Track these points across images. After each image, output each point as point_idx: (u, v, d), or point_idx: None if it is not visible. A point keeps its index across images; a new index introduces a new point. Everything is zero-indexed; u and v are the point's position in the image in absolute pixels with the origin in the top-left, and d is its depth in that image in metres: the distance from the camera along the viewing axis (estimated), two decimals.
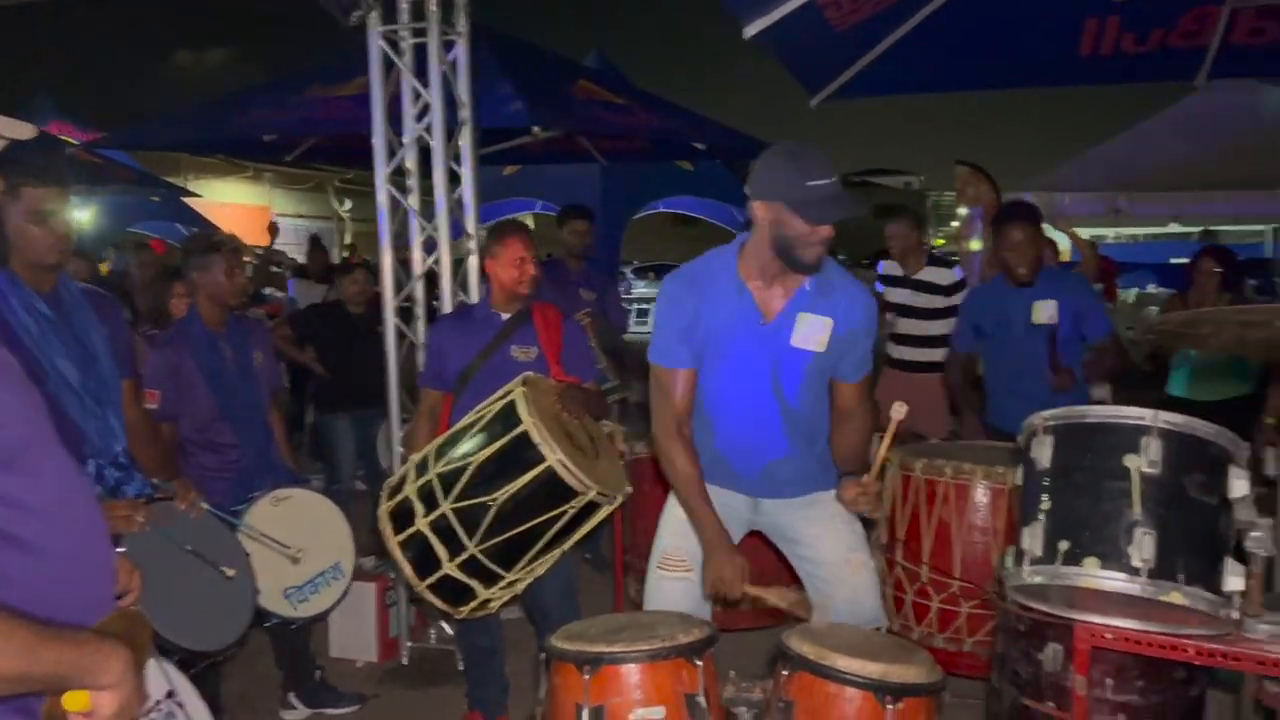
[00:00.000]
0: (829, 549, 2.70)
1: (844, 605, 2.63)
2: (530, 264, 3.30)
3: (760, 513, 2.80)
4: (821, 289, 2.60)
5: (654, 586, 2.76)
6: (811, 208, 2.41)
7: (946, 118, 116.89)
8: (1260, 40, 4.32)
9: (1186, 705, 2.19)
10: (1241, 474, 1.92)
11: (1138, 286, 16.04)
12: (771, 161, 2.49)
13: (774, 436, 2.69)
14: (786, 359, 2.60)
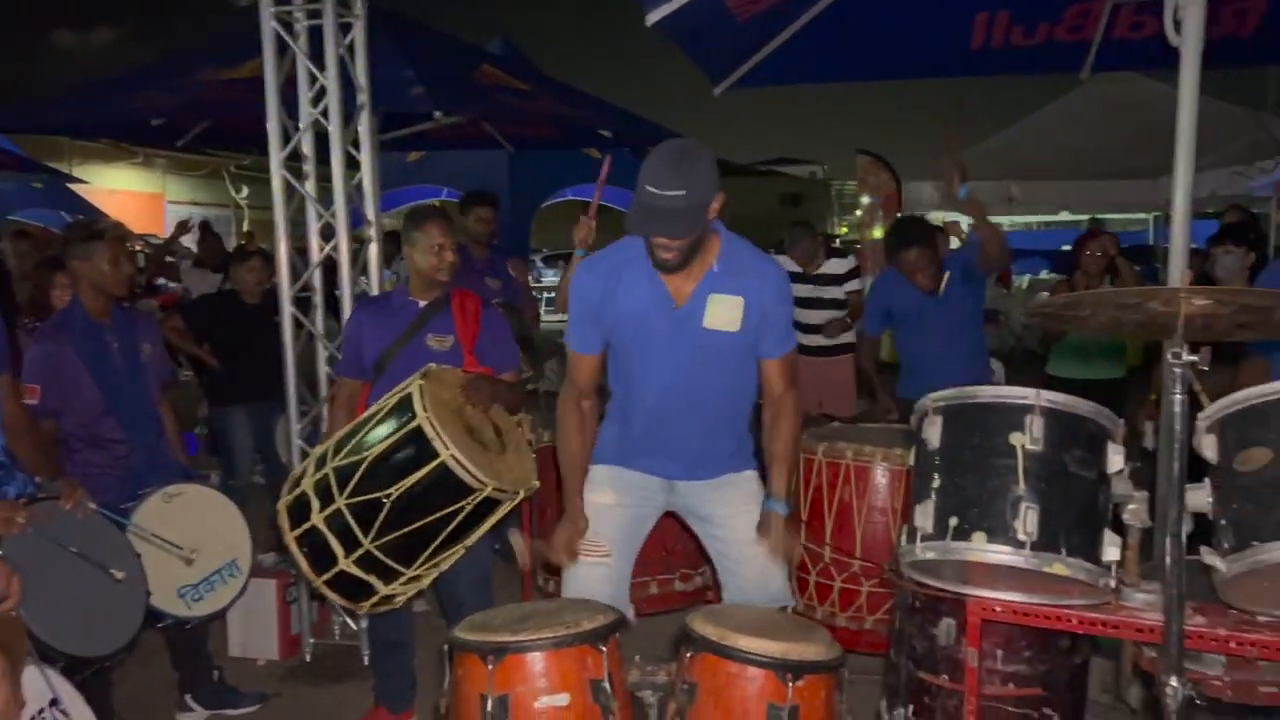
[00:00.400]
0: (740, 529, 2.74)
1: (753, 584, 2.70)
2: (449, 251, 3.24)
3: (676, 494, 2.84)
4: (730, 269, 2.62)
5: (572, 573, 2.78)
6: (633, 212, 2.43)
7: (850, 108, 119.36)
8: (1140, 34, 4.51)
9: (1071, 672, 2.28)
10: (1118, 450, 2.01)
11: (1030, 273, 16.62)
12: (647, 156, 2.50)
13: (690, 419, 2.72)
14: (701, 341, 2.63)
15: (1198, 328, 1.76)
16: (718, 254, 2.62)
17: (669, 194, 2.38)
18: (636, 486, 2.80)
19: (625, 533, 2.79)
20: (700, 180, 2.42)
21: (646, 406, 2.73)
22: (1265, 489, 1.82)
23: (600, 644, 2.22)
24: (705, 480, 2.79)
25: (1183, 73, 3.33)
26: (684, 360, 2.65)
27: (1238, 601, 1.94)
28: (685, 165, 2.41)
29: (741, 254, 2.66)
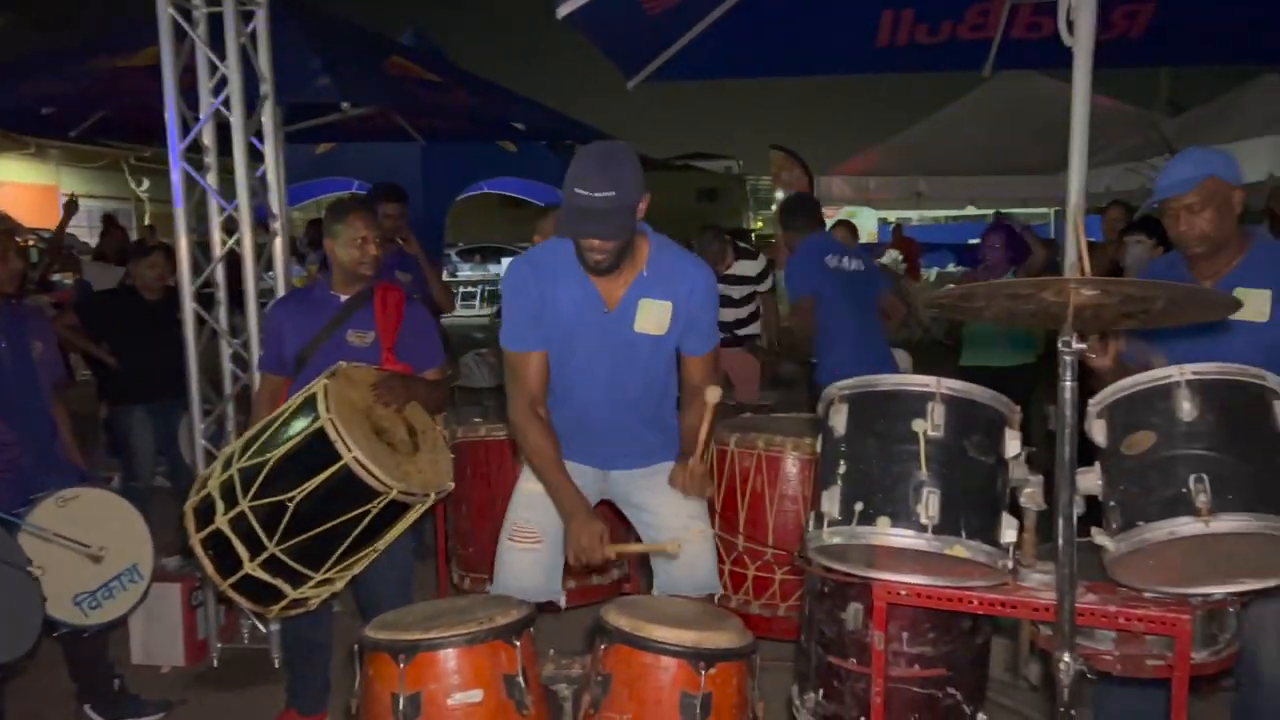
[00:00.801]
0: (670, 516, 2.78)
1: (682, 571, 2.75)
2: (371, 244, 3.17)
3: (610, 482, 2.88)
4: (659, 273, 2.65)
5: (504, 558, 2.78)
6: (563, 215, 2.44)
7: (765, 103, 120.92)
8: (1037, 34, 4.66)
9: (974, 652, 2.35)
10: (1015, 435, 2.08)
11: (938, 266, 17.07)
12: (573, 159, 2.50)
13: (621, 414, 2.76)
14: (631, 344, 2.67)
15: (1087, 317, 1.83)
16: (647, 257, 2.65)
17: (599, 195, 2.39)
18: (572, 474, 2.76)
19: (557, 520, 2.78)
20: (629, 180, 2.43)
21: (576, 404, 2.75)
22: (1149, 471, 1.90)
23: (513, 639, 2.21)
24: (638, 469, 2.83)
25: (1076, 72, 3.46)
26: (613, 361, 2.68)
27: (1126, 579, 2.02)
28: (613, 166, 2.43)
29: (671, 257, 2.69)
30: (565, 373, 2.73)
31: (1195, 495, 1.82)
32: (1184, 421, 1.90)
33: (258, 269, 3.96)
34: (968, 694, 2.32)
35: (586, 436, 2.77)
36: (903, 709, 2.27)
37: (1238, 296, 2.21)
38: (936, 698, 2.29)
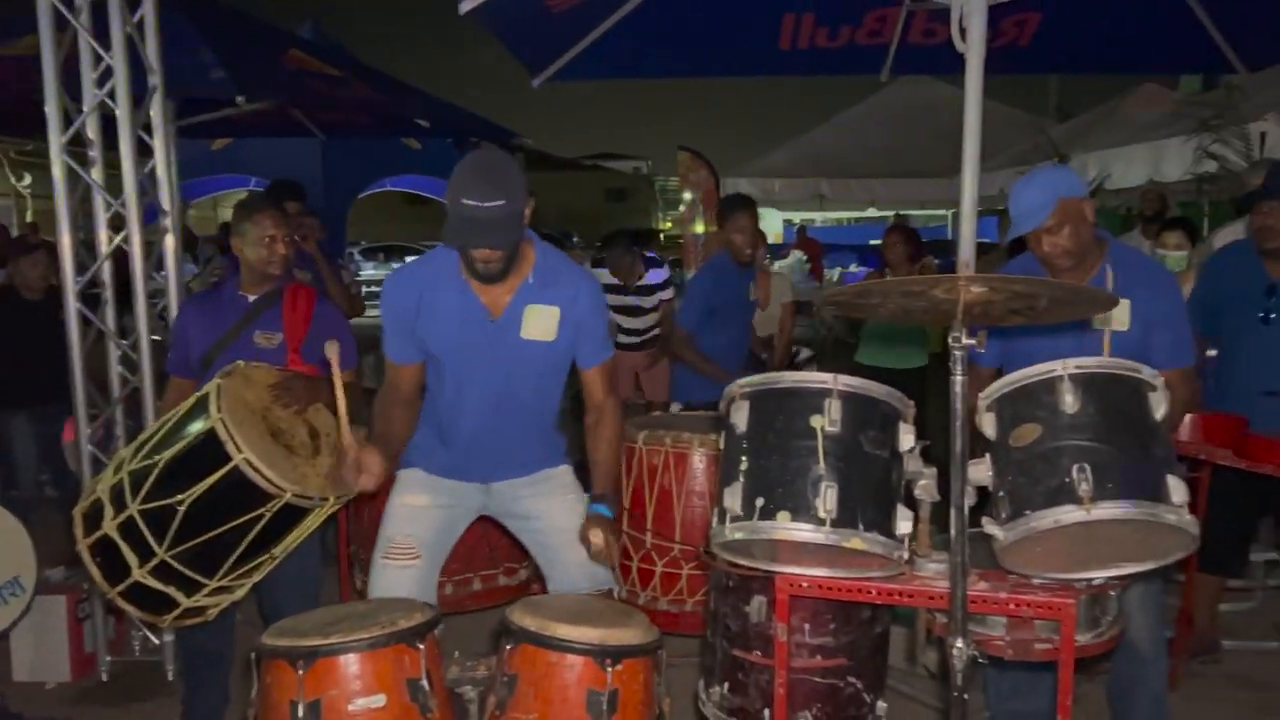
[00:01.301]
0: (559, 518, 2.78)
1: (577, 570, 2.74)
2: (280, 243, 3.10)
3: (491, 495, 2.84)
4: (545, 280, 2.64)
5: (379, 576, 2.73)
6: (451, 225, 2.42)
7: (674, 104, 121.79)
8: (932, 40, 4.80)
9: (873, 642, 2.41)
10: (909, 429, 2.14)
11: (841, 266, 17.43)
12: (455, 169, 2.48)
13: (507, 426, 2.73)
14: (518, 352, 2.65)
15: (977, 314, 1.89)
16: (533, 264, 2.64)
17: (488, 205, 2.37)
18: (451, 489, 2.79)
19: (437, 535, 2.77)
20: (515, 187, 2.43)
21: (461, 415, 2.73)
22: (1036, 461, 1.98)
23: (417, 642, 2.18)
24: (520, 479, 2.82)
25: (968, 78, 3.57)
26: (500, 370, 2.67)
27: (1015, 566, 2.10)
28: (499, 174, 2.42)
29: (556, 265, 2.69)
30: (451, 384, 2.71)
31: (1078, 484, 1.90)
32: (1067, 414, 1.98)
33: (147, 267, 3.81)
34: (868, 683, 2.38)
35: (472, 451, 2.75)
36: (805, 699, 2.31)
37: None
38: (838, 687, 2.34)
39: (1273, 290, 3.27)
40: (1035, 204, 2.58)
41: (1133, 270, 2.67)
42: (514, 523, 2.89)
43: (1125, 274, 2.64)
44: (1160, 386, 2.04)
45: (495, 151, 2.56)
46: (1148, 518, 1.90)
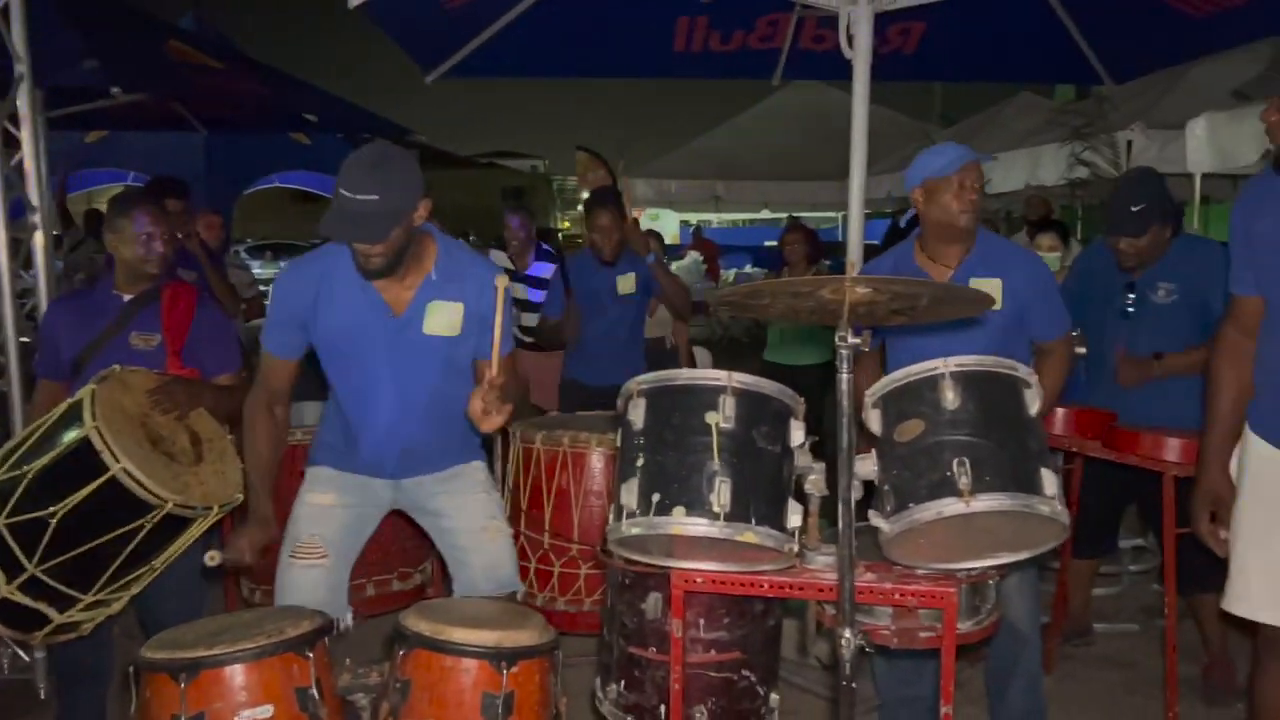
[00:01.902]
0: (468, 518, 2.76)
1: (482, 572, 2.73)
2: (158, 240, 2.98)
3: (402, 491, 2.81)
4: (448, 275, 2.62)
5: (284, 576, 2.67)
6: (327, 216, 2.39)
7: (572, 103, 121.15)
8: (822, 46, 4.92)
9: (766, 635, 2.46)
10: (799, 425, 2.19)
11: (736, 267, 17.70)
12: (345, 160, 2.45)
13: (414, 422, 2.70)
14: (422, 348, 2.61)
15: (862, 313, 1.95)
16: (435, 260, 2.61)
17: (362, 198, 2.34)
18: (358, 487, 2.75)
19: (346, 534, 2.72)
20: (398, 183, 2.39)
21: (367, 411, 2.68)
22: (919, 456, 2.05)
23: (306, 650, 2.13)
24: (431, 474, 2.79)
25: (855, 84, 3.68)
26: (404, 367, 2.63)
27: (900, 558, 2.17)
28: (381, 169, 2.38)
29: (460, 259, 2.66)
30: (354, 380, 2.66)
31: (958, 478, 1.98)
32: (948, 410, 2.05)
33: (14, 265, 3.62)
34: (761, 675, 2.42)
35: (379, 447, 2.70)
36: (700, 694, 2.34)
37: (977, 285, 2.44)
38: (732, 680, 2.38)
39: (1131, 287, 3.47)
40: (956, 153, 2.75)
41: (1000, 252, 2.85)
42: (424, 519, 2.86)
43: (994, 256, 2.80)
44: (1035, 384, 2.14)
45: (389, 146, 2.52)
46: (1023, 509, 1.99)
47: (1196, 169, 5.66)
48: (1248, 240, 2.31)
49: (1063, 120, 7.58)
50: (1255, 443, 2.33)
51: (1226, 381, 2.41)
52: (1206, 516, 2.44)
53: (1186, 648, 3.66)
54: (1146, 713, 3.44)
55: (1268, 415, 2.31)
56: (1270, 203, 2.26)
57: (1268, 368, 2.31)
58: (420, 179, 2.47)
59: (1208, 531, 2.44)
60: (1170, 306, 3.38)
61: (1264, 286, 2.29)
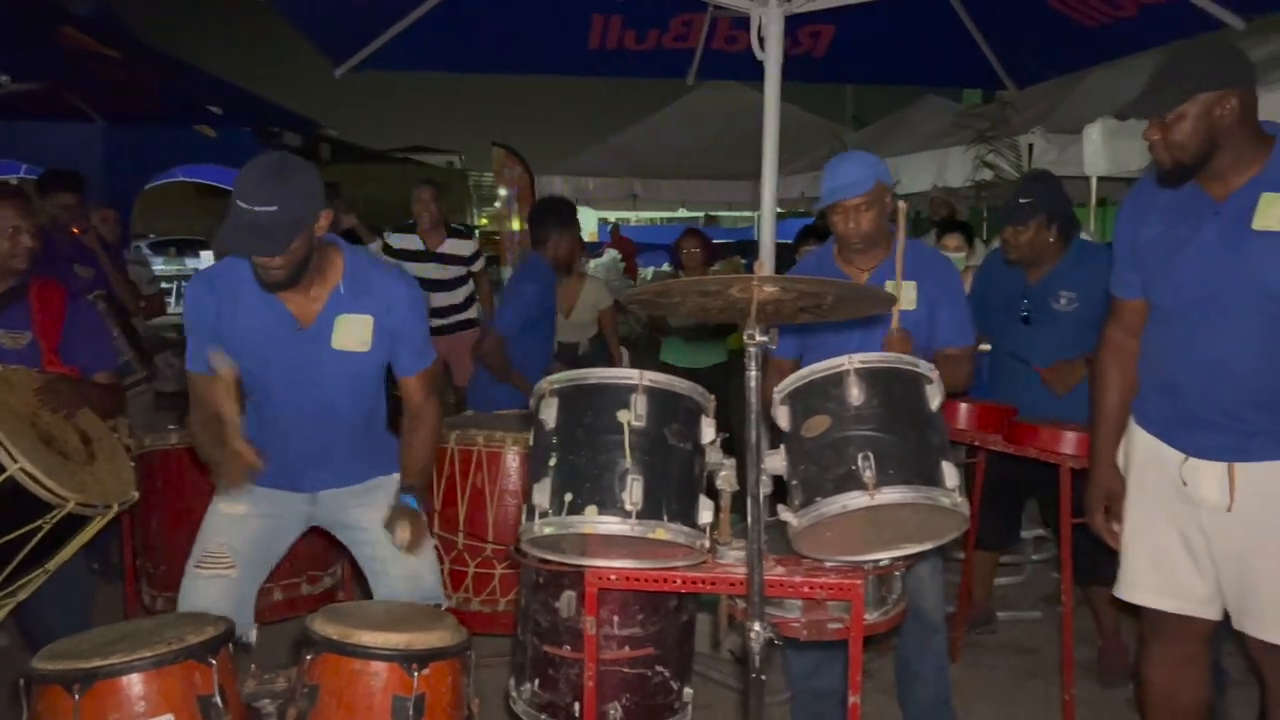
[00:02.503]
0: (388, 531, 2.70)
1: (404, 584, 2.69)
2: (24, 234, 2.87)
3: (318, 505, 2.76)
4: (357, 288, 2.58)
5: (189, 587, 2.59)
6: (223, 228, 2.34)
7: (489, 99, 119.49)
8: (735, 47, 4.97)
9: (679, 630, 2.48)
10: (710, 423, 2.21)
11: (654, 265, 17.77)
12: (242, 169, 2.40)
13: (328, 435, 2.66)
14: (331, 363, 2.57)
15: (770, 312, 1.98)
16: (342, 273, 2.56)
17: (258, 209, 2.29)
18: (274, 499, 2.68)
19: (256, 545, 2.65)
20: (296, 194, 2.34)
21: (278, 426, 2.63)
22: (825, 451, 2.09)
23: (208, 658, 2.08)
24: (348, 487, 2.74)
25: (767, 85, 3.72)
26: (313, 380, 2.58)
27: (809, 551, 2.21)
28: (278, 179, 2.33)
29: (368, 272, 2.62)
30: (263, 395, 2.62)
31: (863, 471, 2.02)
32: (853, 406, 2.10)
33: None
34: (675, 670, 2.44)
35: (291, 460, 2.65)
36: (614, 690, 2.35)
37: (891, 288, 2.51)
38: (646, 676, 2.39)
39: (1028, 292, 3.60)
40: (855, 178, 2.77)
41: (917, 256, 2.90)
42: (343, 533, 2.82)
43: (912, 260, 2.85)
44: (936, 380, 2.20)
45: (287, 157, 2.46)
46: (925, 501, 2.05)
47: (1093, 172, 5.88)
48: (1133, 246, 2.41)
49: (968, 123, 7.79)
50: (1139, 434, 2.44)
51: (1112, 380, 2.52)
52: (1101, 511, 2.55)
53: (1084, 633, 3.82)
54: (1047, 696, 3.57)
55: (1151, 408, 2.42)
56: (1154, 213, 2.36)
57: (1152, 363, 2.41)
58: (321, 189, 2.43)
59: (1103, 526, 2.55)
60: (1072, 314, 3.50)
61: (1149, 290, 2.39)
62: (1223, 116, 2.15)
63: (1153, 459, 2.39)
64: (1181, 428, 2.33)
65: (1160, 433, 2.38)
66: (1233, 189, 2.21)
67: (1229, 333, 2.21)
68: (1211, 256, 2.22)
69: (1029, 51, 4.95)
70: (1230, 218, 2.21)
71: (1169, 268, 2.30)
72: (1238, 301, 2.19)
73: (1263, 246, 2.15)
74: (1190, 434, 2.31)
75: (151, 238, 20.66)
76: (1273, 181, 2.18)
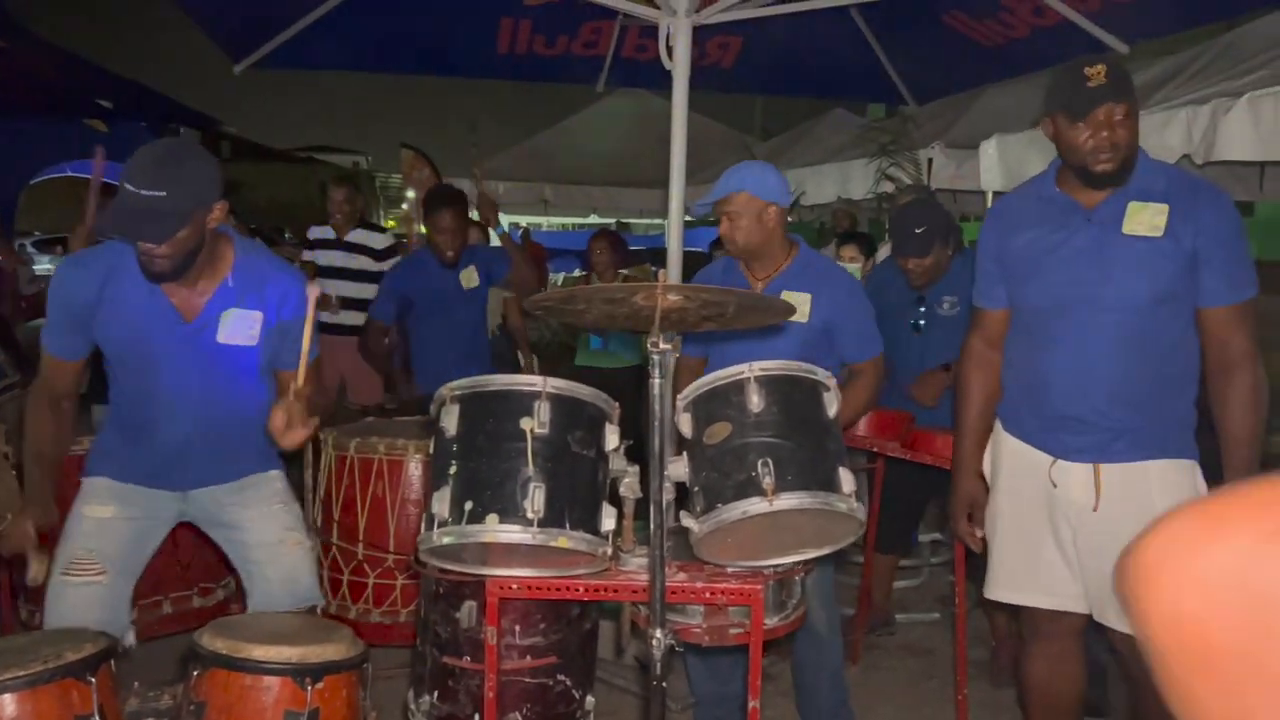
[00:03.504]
0: (265, 530, 2.64)
1: (280, 586, 2.62)
2: None
3: (190, 503, 2.66)
4: (247, 282, 2.50)
5: (56, 595, 2.46)
6: (109, 211, 2.27)
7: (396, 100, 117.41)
8: (644, 56, 5.00)
9: (582, 638, 2.47)
10: (614, 430, 2.21)
11: (565, 271, 17.72)
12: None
13: (204, 431, 2.56)
14: (216, 357, 2.48)
15: (674, 320, 1.99)
16: (232, 265, 2.48)
17: (147, 194, 2.21)
18: (142, 498, 2.57)
19: (127, 548, 2.54)
20: (189, 181, 2.27)
21: (154, 421, 2.53)
22: (726, 457, 2.11)
23: (87, 675, 1.98)
24: (223, 485, 2.65)
25: (675, 94, 3.75)
26: (196, 376, 2.49)
27: (710, 557, 2.22)
28: (170, 165, 2.25)
29: (260, 266, 2.54)
30: (141, 389, 2.51)
31: (762, 477, 2.05)
32: (753, 413, 2.12)
33: None
34: (577, 679, 2.43)
35: (167, 457, 2.56)
36: (515, 700, 2.33)
37: (788, 299, 2.56)
38: (548, 685, 2.38)
39: (921, 301, 3.71)
40: (722, 185, 2.86)
41: (816, 270, 2.96)
42: (216, 531, 2.72)
43: (809, 273, 2.92)
44: (833, 387, 2.24)
45: (185, 142, 2.39)
46: (822, 506, 2.08)
47: (989, 186, 6.07)
48: (999, 258, 2.51)
49: (871, 137, 7.97)
50: (1006, 439, 2.54)
51: (975, 390, 2.61)
52: (965, 517, 2.66)
53: (979, 634, 3.94)
54: (942, 696, 3.66)
55: (1017, 412, 2.52)
56: (1023, 223, 2.47)
57: (1019, 369, 2.51)
58: (217, 179, 2.35)
59: (966, 531, 2.66)
60: (955, 318, 3.63)
61: (1018, 295, 2.49)
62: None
63: (1022, 463, 2.48)
64: (1049, 431, 2.43)
65: (1028, 437, 2.48)
66: (1099, 199, 2.34)
67: (1097, 333, 2.33)
68: (1083, 260, 2.34)
69: (929, 68, 5.10)
70: (1101, 223, 2.33)
71: (1041, 271, 2.41)
72: (1106, 303, 2.31)
73: (1131, 250, 2.29)
74: (1057, 437, 2.41)
75: (36, 235, 19.73)
76: (1138, 191, 2.32)
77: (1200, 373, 2.37)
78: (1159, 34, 4.57)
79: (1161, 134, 4.38)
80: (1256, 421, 2.28)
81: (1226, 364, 2.29)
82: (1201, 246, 2.24)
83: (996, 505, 2.56)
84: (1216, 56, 5.18)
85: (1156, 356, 2.32)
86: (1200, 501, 0.62)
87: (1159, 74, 5.28)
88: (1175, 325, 2.31)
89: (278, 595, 2.60)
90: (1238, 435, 2.28)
